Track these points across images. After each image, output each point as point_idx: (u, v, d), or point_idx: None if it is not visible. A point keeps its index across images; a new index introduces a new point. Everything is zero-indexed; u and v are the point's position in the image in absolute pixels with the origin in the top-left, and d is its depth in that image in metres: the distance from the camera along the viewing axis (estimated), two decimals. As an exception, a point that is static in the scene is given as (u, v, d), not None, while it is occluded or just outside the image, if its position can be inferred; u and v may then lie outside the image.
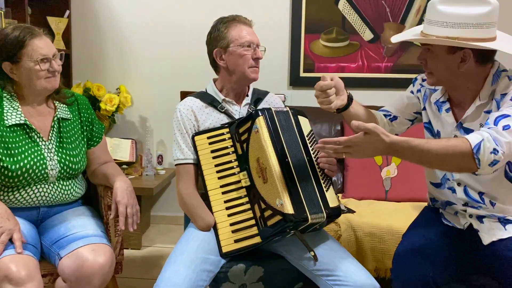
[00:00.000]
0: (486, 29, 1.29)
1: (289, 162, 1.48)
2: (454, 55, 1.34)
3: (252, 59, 1.65)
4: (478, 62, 1.35)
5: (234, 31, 1.65)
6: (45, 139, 1.61)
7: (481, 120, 1.39)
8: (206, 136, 1.64)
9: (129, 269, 2.46)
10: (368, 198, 2.35)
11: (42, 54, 1.52)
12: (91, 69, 3.09)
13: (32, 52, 1.51)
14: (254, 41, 1.66)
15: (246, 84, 1.73)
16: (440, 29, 1.30)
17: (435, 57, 1.37)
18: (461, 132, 1.43)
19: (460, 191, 1.48)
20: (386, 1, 2.87)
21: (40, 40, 1.53)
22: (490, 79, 1.37)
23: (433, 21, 1.32)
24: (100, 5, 3.05)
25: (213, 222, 1.55)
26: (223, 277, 1.50)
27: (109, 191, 1.68)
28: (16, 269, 1.35)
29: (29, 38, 1.51)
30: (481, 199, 1.44)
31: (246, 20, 1.69)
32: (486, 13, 1.28)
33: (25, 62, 1.52)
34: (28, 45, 1.51)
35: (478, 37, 1.28)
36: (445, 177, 1.53)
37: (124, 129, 3.13)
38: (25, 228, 1.52)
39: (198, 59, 2.90)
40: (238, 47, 1.63)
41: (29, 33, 1.52)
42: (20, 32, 1.52)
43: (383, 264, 1.93)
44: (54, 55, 1.57)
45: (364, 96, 2.93)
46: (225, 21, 1.67)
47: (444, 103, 1.48)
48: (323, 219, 1.46)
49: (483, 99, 1.38)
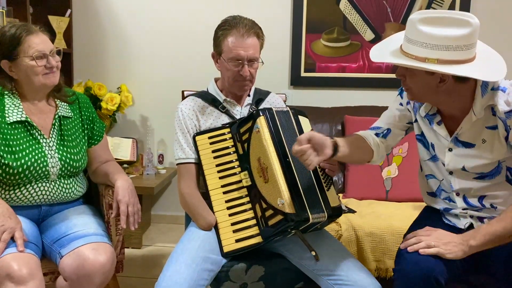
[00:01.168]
0: (466, 51, 1.27)
1: (290, 161, 1.48)
2: (433, 76, 1.31)
3: (239, 75, 1.61)
4: (458, 81, 1.32)
5: (227, 41, 1.60)
6: (46, 136, 1.61)
7: (483, 136, 1.37)
8: (207, 136, 1.64)
9: (130, 268, 2.46)
10: (368, 198, 2.35)
11: (38, 50, 1.53)
12: (92, 68, 3.09)
13: (28, 48, 1.52)
14: (242, 56, 1.58)
15: (237, 94, 1.71)
16: (420, 49, 1.27)
17: (414, 76, 1.35)
18: (458, 146, 1.42)
19: (459, 200, 1.48)
20: (388, 1, 2.87)
21: (36, 37, 1.54)
22: (478, 91, 1.35)
23: (413, 40, 1.29)
24: (101, 4, 3.05)
25: (215, 221, 1.55)
26: (224, 276, 1.51)
27: (110, 190, 1.68)
28: (18, 267, 1.35)
29: (25, 35, 1.52)
30: (481, 204, 1.44)
31: (247, 29, 1.59)
32: (466, 35, 1.25)
33: (22, 59, 1.52)
34: (24, 41, 1.52)
35: (457, 59, 1.26)
36: (439, 188, 1.53)
37: (125, 128, 3.13)
38: (27, 227, 1.53)
39: (200, 59, 2.93)
40: (226, 60, 1.61)
41: (25, 30, 1.53)
42: (16, 29, 1.53)
43: (383, 264, 1.94)
44: (51, 51, 1.57)
45: (365, 96, 2.95)
46: (224, 27, 1.62)
47: (434, 115, 1.46)
48: (324, 219, 1.46)
49: (478, 114, 1.35)
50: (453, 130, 1.43)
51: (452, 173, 1.46)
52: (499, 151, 1.36)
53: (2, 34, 1.53)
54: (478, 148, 1.39)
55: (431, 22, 1.27)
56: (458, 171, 1.44)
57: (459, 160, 1.42)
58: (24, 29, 1.53)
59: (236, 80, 1.63)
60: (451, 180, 1.47)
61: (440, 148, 1.46)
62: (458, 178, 1.45)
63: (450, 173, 1.46)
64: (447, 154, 1.44)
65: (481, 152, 1.38)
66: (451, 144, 1.42)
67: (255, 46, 1.61)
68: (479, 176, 1.42)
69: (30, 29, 1.54)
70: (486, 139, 1.37)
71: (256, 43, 1.63)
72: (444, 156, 1.45)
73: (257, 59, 1.64)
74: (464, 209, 1.47)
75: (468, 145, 1.40)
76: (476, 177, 1.42)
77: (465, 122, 1.38)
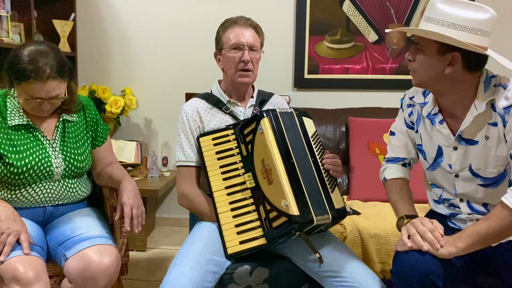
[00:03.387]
0: (480, 37, 1.28)
1: (294, 163, 1.48)
2: (443, 57, 1.32)
3: (240, 61, 1.64)
4: (466, 68, 1.33)
5: (227, 33, 1.66)
6: (49, 138, 1.62)
7: (486, 132, 1.37)
8: (211, 137, 1.64)
9: (134, 271, 2.46)
10: (373, 199, 2.34)
11: (34, 96, 1.48)
12: (96, 71, 3.11)
13: (28, 90, 1.47)
14: (243, 42, 1.64)
15: (240, 88, 1.73)
16: (436, 26, 1.29)
17: (424, 56, 1.35)
18: (462, 144, 1.41)
19: (464, 206, 1.47)
20: (391, 2, 2.86)
21: (41, 85, 1.46)
22: (481, 86, 1.35)
23: (430, 18, 1.31)
24: (105, 8, 3.07)
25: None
26: (229, 279, 1.50)
27: (114, 193, 1.68)
28: (24, 270, 1.36)
29: (33, 79, 1.44)
30: (486, 210, 1.44)
31: (245, 21, 1.67)
32: (483, 20, 1.27)
33: (19, 93, 1.51)
34: (28, 83, 1.45)
35: (471, 42, 1.27)
36: (442, 198, 1.53)
37: (129, 131, 3.14)
38: (32, 229, 1.53)
39: (203, 61, 2.93)
40: (227, 50, 1.65)
41: (34, 72, 1.44)
42: (32, 68, 1.43)
43: (388, 266, 1.93)
44: (50, 98, 1.50)
45: (369, 97, 2.95)
46: (224, 24, 1.69)
47: (436, 115, 1.45)
48: (328, 221, 1.45)
49: (480, 108, 1.35)
50: (455, 130, 1.42)
51: (457, 176, 1.45)
52: (502, 148, 1.35)
53: (18, 60, 1.45)
54: (481, 146, 1.38)
55: (451, 2, 1.29)
56: (463, 173, 1.43)
57: (465, 160, 1.42)
58: (33, 72, 1.43)
59: (238, 69, 1.65)
60: (455, 183, 1.46)
61: (446, 148, 1.46)
62: (463, 182, 1.44)
63: (456, 175, 1.46)
64: (452, 153, 1.43)
65: (485, 150, 1.38)
66: (456, 142, 1.42)
67: (254, 36, 1.68)
68: (483, 184, 1.41)
69: (40, 75, 1.44)
70: (489, 135, 1.36)
71: (256, 35, 1.69)
72: (449, 157, 1.44)
73: (258, 49, 1.69)
74: (469, 214, 1.47)
75: (472, 142, 1.39)
76: (481, 184, 1.42)
77: (467, 118, 1.37)
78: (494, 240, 1.31)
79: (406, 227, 1.36)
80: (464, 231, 1.31)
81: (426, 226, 1.32)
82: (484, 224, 1.28)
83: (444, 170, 1.47)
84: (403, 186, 1.56)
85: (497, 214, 1.27)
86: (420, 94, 1.52)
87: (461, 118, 1.39)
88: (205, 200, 1.64)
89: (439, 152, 1.48)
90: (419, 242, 1.29)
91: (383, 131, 2.51)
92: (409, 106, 1.57)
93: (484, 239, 1.28)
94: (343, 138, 2.64)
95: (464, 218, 1.48)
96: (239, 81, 1.68)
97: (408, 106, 1.57)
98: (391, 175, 1.60)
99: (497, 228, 1.26)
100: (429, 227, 1.32)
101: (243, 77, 1.67)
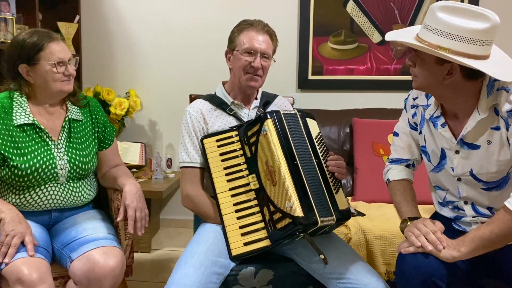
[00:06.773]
0: (480, 46, 1.25)
1: (298, 164, 1.48)
2: (442, 67, 1.30)
3: (250, 66, 1.64)
4: (465, 77, 1.30)
5: (242, 35, 1.66)
6: (54, 138, 1.62)
7: (488, 137, 1.35)
8: (215, 139, 1.64)
9: (139, 272, 2.47)
10: (378, 201, 2.33)
11: (59, 57, 1.57)
12: (101, 73, 3.12)
13: (50, 55, 1.56)
14: (256, 48, 1.64)
15: (246, 90, 1.72)
16: (434, 36, 1.26)
17: (423, 64, 1.33)
18: (464, 148, 1.40)
19: (468, 208, 1.46)
20: (395, 3, 2.86)
21: (57, 44, 1.59)
22: (484, 90, 1.33)
23: (429, 26, 1.28)
24: (109, 10, 3.08)
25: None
26: (233, 280, 1.50)
27: (119, 194, 1.69)
28: (28, 272, 1.36)
29: (47, 42, 1.56)
30: (491, 213, 1.43)
31: (262, 27, 1.67)
32: (483, 30, 1.23)
33: (42, 65, 1.56)
34: (46, 48, 1.56)
35: (469, 53, 1.24)
36: (446, 200, 1.52)
37: (134, 132, 3.15)
38: (37, 231, 1.54)
39: (207, 63, 2.94)
40: (240, 52, 1.65)
41: (47, 37, 1.58)
42: (39, 36, 1.57)
43: (393, 268, 1.91)
44: (69, 59, 1.61)
45: (373, 98, 2.94)
46: (240, 25, 1.69)
47: (439, 117, 1.44)
48: (332, 222, 1.45)
49: (482, 113, 1.33)
50: (457, 134, 1.41)
51: (460, 180, 1.44)
52: (505, 152, 1.34)
53: (22, 39, 1.57)
54: (483, 150, 1.37)
55: (450, 11, 1.26)
56: (466, 177, 1.42)
57: (466, 164, 1.41)
58: (46, 36, 1.58)
59: (247, 72, 1.66)
60: (458, 186, 1.45)
61: (448, 151, 1.45)
62: (466, 185, 1.44)
63: (458, 179, 1.45)
64: (454, 157, 1.42)
65: (487, 155, 1.36)
66: (458, 146, 1.41)
67: (268, 43, 1.67)
68: (486, 188, 1.40)
69: (52, 36, 1.59)
70: (491, 140, 1.35)
71: (270, 42, 1.69)
72: (452, 160, 1.44)
73: (270, 55, 1.69)
74: (474, 217, 1.46)
75: (474, 147, 1.38)
76: (484, 188, 1.41)
77: (470, 122, 1.36)
78: (497, 245, 1.30)
79: (409, 228, 1.35)
80: (467, 235, 1.30)
81: (429, 227, 1.32)
82: (487, 228, 1.28)
83: (447, 173, 1.47)
84: (406, 188, 1.55)
85: (500, 218, 1.27)
86: (423, 96, 1.51)
87: (464, 121, 1.38)
88: (209, 202, 1.64)
89: (443, 154, 1.47)
90: (424, 243, 1.29)
91: (388, 132, 2.50)
92: (412, 107, 1.56)
93: (488, 243, 1.27)
94: (348, 139, 2.63)
95: (469, 221, 1.47)
96: (247, 84, 1.68)
97: (411, 107, 1.56)
98: (395, 176, 1.59)
99: (500, 232, 1.26)
100: (431, 228, 1.32)
101: (251, 81, 1.67)
